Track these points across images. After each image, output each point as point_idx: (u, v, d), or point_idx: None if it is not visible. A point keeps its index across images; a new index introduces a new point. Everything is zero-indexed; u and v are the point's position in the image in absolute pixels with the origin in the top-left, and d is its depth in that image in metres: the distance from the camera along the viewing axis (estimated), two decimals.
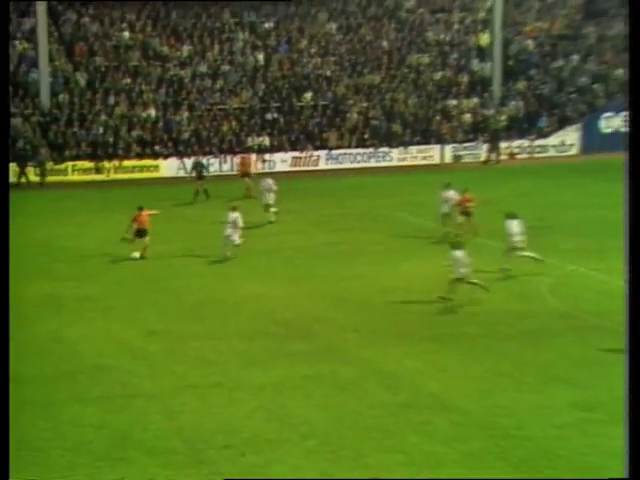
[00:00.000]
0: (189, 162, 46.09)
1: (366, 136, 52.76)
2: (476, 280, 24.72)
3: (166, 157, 49.28)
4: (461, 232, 31.55)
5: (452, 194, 33.19)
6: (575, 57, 58.76)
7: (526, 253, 27.52)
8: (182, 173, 47.22)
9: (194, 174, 43.01)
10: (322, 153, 51.41)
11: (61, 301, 25.75)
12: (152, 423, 17.32)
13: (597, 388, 18.79)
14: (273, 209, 35.77)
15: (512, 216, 28.00)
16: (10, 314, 10.43)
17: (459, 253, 24.51)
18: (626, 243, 9.14)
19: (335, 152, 51.57)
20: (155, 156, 49.48)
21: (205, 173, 43.19)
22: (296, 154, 51.08)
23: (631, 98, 9.60)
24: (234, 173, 46.28)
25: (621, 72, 57.27)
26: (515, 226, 27.68)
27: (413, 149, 52.50)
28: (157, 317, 24.18)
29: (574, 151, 54.17)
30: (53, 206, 40.87)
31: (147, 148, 49.85)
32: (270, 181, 36.59)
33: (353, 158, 51.66)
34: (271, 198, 35.97)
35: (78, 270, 29.16)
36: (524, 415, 17.50)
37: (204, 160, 45.62)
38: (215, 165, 48.70)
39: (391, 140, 52.64)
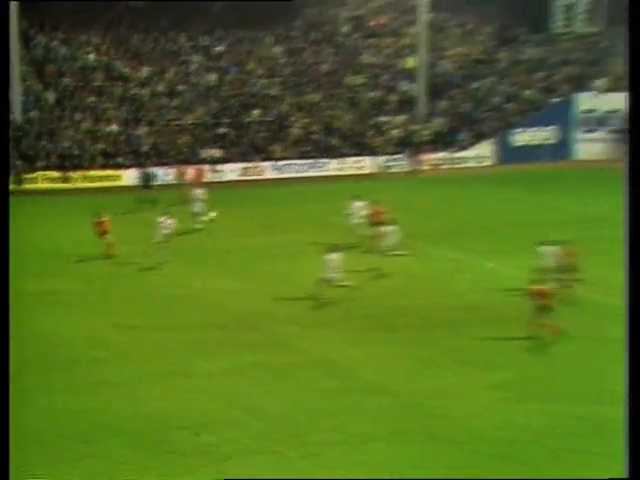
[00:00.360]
0: (144, 172, 45.37)
1: (307, 149, 52.85)
2: (345, 281, 24.47)
3: (127, 168, 48.79)
4: (372, 243, 30.24)
5: (360, 205, 32.10)
6: (490, 79, 59.41)
7: (397, 252, 28.78)
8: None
9: (142, 183, 42.85)
10: (268, 164, 51.35)
11: (37, 297, 25.41)
12: (116, 407, 17.26)
13: (509, 371, 19.11)
14: (203, 217, 35.02)
15: (391, 222, 28.93)
16: None
17: (334, 256, 24.40)
18: (626, 244, 8.91)
19: (280, 163, 51.51)
20: (117, 167, 49.01)
21: (153, 182, 43.00)
22: (245, 165, 50.99)
23: (631, 99, 9.37)
24: (187, 183, 45.90)
25: (530, 93, 58.08)
26: (392, 231, 28.68)
27: (349, 160, 52.67)
28: (122, 311, 24.03)
29: (489, 162, 54.78)
30: (24, 210, 40.24)
31: (110, 160, 49.36)
32: (199, 191, 36.14)
33: (296, 168, 51.70)
34: (199, 206, 35.27)
35: (52, 269, 28.81)
36: (447, 396, 17.74)
37: (153, 171, 45.06)
38: (170, 175, 48.34)
39: (329, 152, 52.78)
